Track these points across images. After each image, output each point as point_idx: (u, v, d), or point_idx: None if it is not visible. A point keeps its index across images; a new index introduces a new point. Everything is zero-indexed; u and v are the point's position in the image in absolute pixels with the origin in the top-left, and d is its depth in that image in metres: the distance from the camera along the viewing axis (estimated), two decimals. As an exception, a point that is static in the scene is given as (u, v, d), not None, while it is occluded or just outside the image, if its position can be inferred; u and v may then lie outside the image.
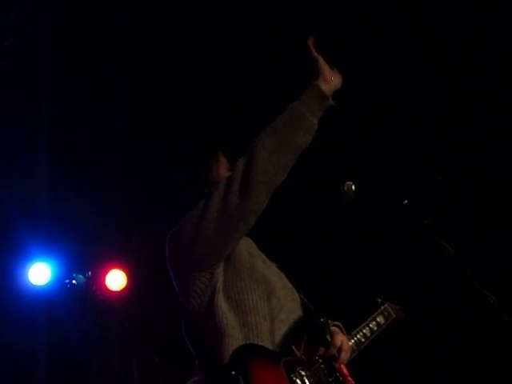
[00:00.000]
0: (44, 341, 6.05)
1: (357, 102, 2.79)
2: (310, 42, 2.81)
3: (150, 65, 5.59)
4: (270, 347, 2.63)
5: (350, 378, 2.75)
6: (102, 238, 6.21)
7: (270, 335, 2.65)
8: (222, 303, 2.66)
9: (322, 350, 2.74)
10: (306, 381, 2.61)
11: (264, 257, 2.93)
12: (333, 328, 2.86)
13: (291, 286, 2.91)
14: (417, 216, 2.78)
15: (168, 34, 5.40)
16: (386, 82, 5.24)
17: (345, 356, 2.80)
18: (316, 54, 2.78)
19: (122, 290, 6.10)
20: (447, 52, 5.19)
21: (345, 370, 2.76)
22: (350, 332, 3.14)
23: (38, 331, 6.00)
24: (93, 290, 5.95)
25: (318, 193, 5.25)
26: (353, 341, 3.22)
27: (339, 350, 2.78)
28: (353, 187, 2.87)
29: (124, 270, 6.14)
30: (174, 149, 5.36)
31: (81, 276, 5.99)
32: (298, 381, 2.58)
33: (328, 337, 2.73)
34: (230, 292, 2.69)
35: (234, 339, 2.60)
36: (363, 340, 3.25)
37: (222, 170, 3.00)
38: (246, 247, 2.82)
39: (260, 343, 2.61)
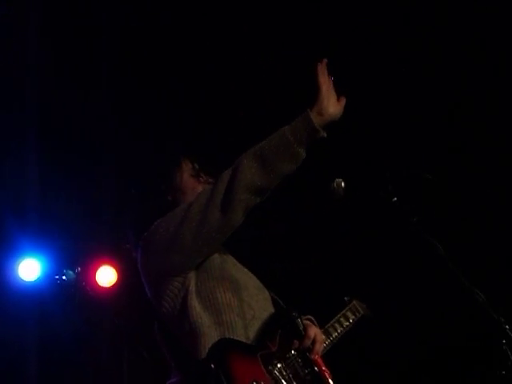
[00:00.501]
0: (34, 336, 6.03)
1: (345, 100, 2.77)
2: (320, 66, 2.76)
3: (140, 64, 5.59)
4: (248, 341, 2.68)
5: (325, 368, 2.80)
6: (92, 234, 6.20)
7: (244, 332, 2.70)
8: (195, 304, 2.69)
9: (296, 343, 2.79)
10: (283, 372, 2.67)
11: (233, 258, 2.97)
12: (305, 321, 2.90)
13: (262, 285, 2.96)
14: (406, 213, 2.79)
15: (156, 33, 5.40)
16: (375, 78, 5.24)
17: (319, 347, 2.84)
18: (322, 80, 2.74)
19: (112, 287, 6.08)
20: (435, 49, 5.20)
21: (320, 361, 2.81)
22: (321, 327, 3.16)
23: (28, 327, 5.99)
24: (82, 285, 5.93)
25: (304, 189, 5.24)
26: (325, 335, 3.24)
27: (313, 341, 2.83)
28: (342, 184, 2.87)
29: (114, 267, 6.12)
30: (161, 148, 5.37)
31: (71, 272, 5.97)
32: (276, 372, 2.65)
33: (301, 330, 2.78)
34: (202, 293, 2.72)
35: (210, 337, 2.63)
36: (335, 335, 3.30)
37: (186, 176, 3.03)
38: (216, 249, 2.85)
39: (236, 338, 2.65)
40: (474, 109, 5.31)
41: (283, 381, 2.65)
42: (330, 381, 2.77)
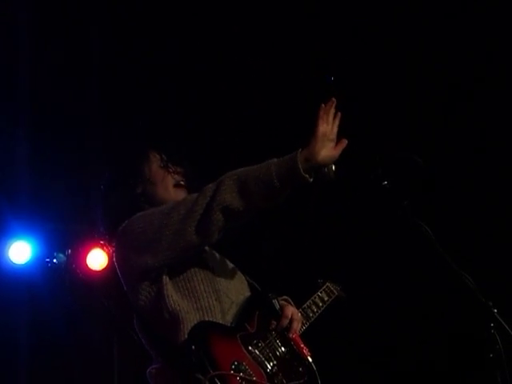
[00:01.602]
0: (24, 319, 6.03)
1: (337, 82, 2.75)
2: (325, 107, 2.69)
3: (132, 44, 5.59)
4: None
5: (303, 346, 2.82)
6: (83, 217, 6.18)
7: (222, 316, 2.73)
8: (171, 293, 2.71)
9: (273, 323, 2.84)
10: (264, 352, 2.72)
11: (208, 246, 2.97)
12: (282, 302, 2.93)
13: (237, 270, 3.00)
14: (395, 197, 2.79)
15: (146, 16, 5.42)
16: (367, 61, 5.23)
17: (297, 326, 2.88)
18: (321, 123, 2.65)
19: (103, 270, 6.07)
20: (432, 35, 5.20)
21: (298, 340, 2.84)
22: (297, 308, 3.15)
23: (18, 310, 5.99)
24: (72, 268, 5.92)
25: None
26: (302, 315, 3.19)
27: (290, 320, 2.86)
28: (333, 167, 2.86)
29: (105, 250, 6.10)
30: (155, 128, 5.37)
31: (62, 255, 5.96)
32: (257, 351, 2.70)
33: (278, 310, 2.83)
34: (179, 283, 2.76)
35: (190, 322, 2.65)
36: (311, 315, 3.28)
37: (155, 167, 3.04)
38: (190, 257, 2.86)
39: (215, 321, 2.69)
40: (465, 92, 5.31)
41: (264, 360, 2.70)
42: (309, 358, 2.79)
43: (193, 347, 2.53)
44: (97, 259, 6.07)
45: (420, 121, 5.35)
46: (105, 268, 6.06)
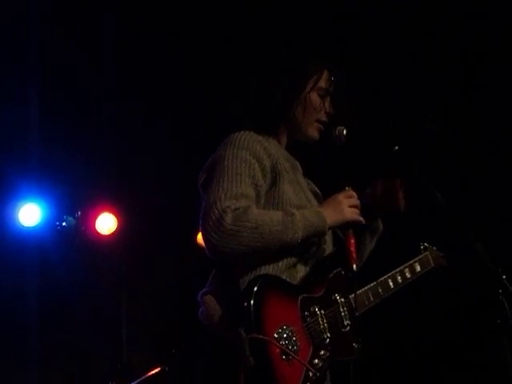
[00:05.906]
0: (34, 282, 6.08)
1: (350, 51, 2.69)
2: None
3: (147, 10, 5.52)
4: (294, 281, 2.56)
5: (353, 251, 2.65)
6: (93, 181, 6.20)
7: (300, 267, 2.58)
8: None
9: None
10: (320, 321, 2.55)
11: (305, 188, 2.80)
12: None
13: None
14: (407, 162, 2.78)
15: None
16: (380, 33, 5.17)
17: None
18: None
19: (111, 234, 6.09)
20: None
21: (353, 248, 2.65)
22: (381, 276, 2.99)
23: (28, 272, 6.03)
24: (82, 230, 5.93)
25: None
26: (381, 286, 2.97)
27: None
28: (344, 132, 2.85)
29: (115, 214, 6.13)
30: (165, 91, 5.31)
31: (71, 218, 5.97)
32: (313, 319, 2.53)
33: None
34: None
35: (262, 263, 2.51)
36: (392, 286, 3.03)
37: (316, 89, 2.74)
38: (289, 179, 2.67)
39: (285, 275, 2.54)
40: (478, 64, 5.26)
41: (317, 329, 2.52)
42: (354, 266, 2.62)
43: (245, 304, 2.38)
44: (106, 223, 6.09)
45: (433, 87, 5.30)
46: (113, 232, 6.09)
